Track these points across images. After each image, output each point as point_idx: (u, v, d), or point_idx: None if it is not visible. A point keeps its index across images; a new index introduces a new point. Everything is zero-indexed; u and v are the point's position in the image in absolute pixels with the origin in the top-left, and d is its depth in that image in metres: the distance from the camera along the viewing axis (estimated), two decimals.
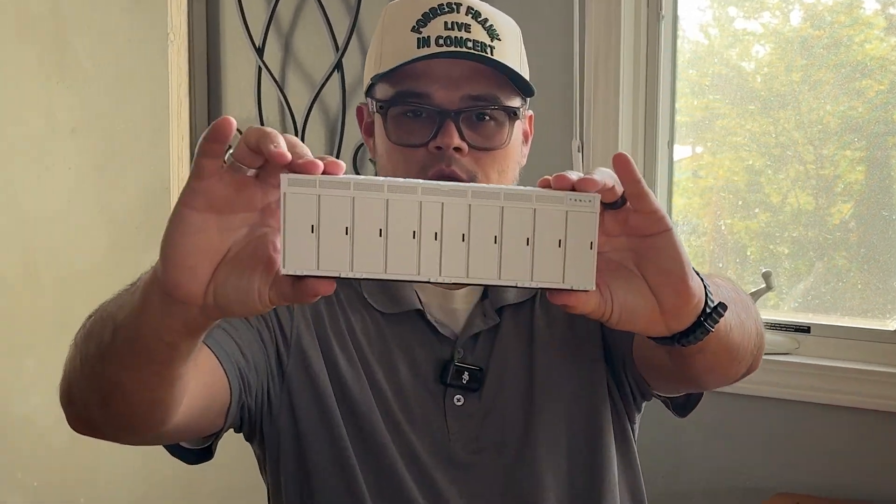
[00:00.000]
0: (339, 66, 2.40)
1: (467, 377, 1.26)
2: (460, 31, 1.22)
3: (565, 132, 2.15)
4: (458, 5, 1.23)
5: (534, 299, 1.32)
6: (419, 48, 1.21)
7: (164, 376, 0.92)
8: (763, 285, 2.04)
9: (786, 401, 2.05)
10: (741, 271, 2.22)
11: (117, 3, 2.74)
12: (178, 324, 0.85)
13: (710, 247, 2.28)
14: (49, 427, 2.92)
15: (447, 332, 1.28)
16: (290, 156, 0.78)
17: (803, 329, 2.08)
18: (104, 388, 0.95)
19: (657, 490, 1.86)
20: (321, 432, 1.24)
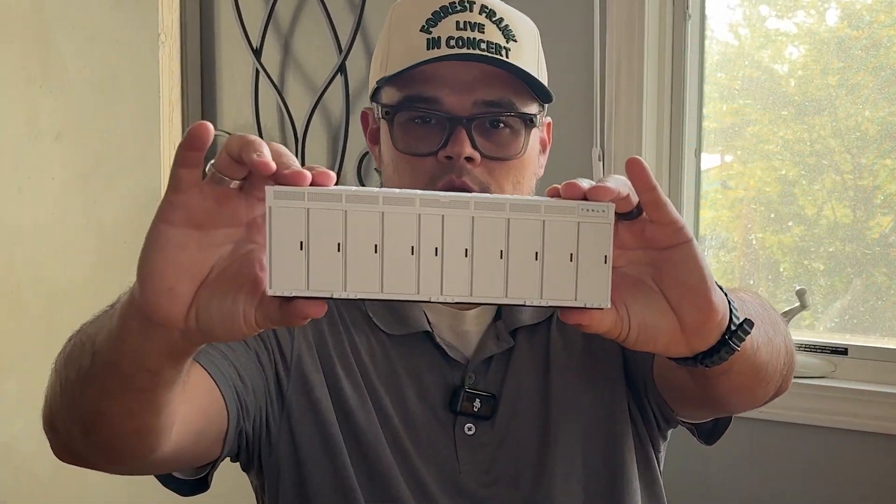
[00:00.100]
0: (342, 69, 2.40)
1: (479, 404, 1.26)
2: (473, 31, 1.21)
3: (585, 140, 2.15)
4: (471, 3, 1.23)
5: (550, 320, 1.31)
6: (429, 49, 1.20)
7: (148, 403, 0.91)
8: (797, 304, 2.03)
9: (821, 427, 2.04)
10: (773, 289, 2.21)
11: (105, 0, 2.74)
12: (159, 349, 0.84)
13: (740, 263, 2.27)
14: (32, 454, 2.92)
15: (457, 356, 1.28)
16: (274, 165, 0.76)
17: (840, 351, 2.07)
18: (86, 416, 0.94)
19: None
20: (323, 460, 1.24)
